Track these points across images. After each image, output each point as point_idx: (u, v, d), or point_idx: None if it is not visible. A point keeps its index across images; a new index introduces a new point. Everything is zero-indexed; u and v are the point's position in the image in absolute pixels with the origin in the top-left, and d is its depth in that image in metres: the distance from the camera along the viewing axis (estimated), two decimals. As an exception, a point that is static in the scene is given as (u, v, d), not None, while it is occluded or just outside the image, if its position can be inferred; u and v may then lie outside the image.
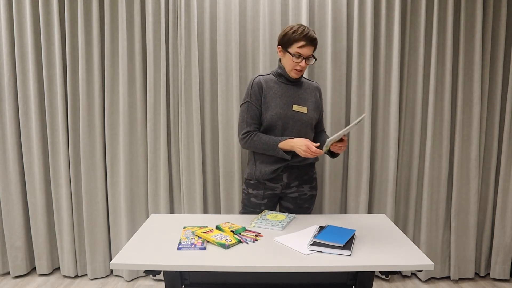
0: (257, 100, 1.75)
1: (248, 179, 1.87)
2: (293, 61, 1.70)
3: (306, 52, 1.68)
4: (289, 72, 1.75)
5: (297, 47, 1.68)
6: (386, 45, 2.34)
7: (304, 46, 1.67)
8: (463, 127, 2.41)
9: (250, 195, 1.86)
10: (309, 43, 1.67)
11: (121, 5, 2.29)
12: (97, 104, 2.41)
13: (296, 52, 1.68)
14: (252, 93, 1.75)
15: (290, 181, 1.84)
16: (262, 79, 1.77)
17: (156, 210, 2.47)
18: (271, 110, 1.73)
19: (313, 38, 1.67)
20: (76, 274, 2.56)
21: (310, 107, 1.80)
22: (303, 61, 1.70)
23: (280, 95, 1.75)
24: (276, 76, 1.79)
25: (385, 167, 2.43)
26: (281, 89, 1.76)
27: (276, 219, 1.67)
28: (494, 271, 2.52)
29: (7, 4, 2.34)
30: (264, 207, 1.86)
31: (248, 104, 1.76)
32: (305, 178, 1.87)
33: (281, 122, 1.73)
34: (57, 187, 2.48)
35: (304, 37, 1.66)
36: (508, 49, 2.38)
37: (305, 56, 1.69)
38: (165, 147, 2.39)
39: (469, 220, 2.47)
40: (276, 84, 1.77)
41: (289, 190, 1.86)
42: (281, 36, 1.72)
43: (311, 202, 1.92)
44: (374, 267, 1.26)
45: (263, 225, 1.60)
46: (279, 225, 1.60)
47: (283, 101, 1.74)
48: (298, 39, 1.66)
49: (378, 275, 2.58)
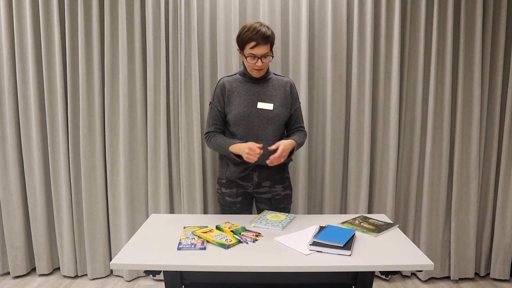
0: (219, 102, 1.76)
1: (220, 179, 1.88)
2: (248, 62, 1.67)
3: (259, 51, 1.63)
4: (250, 72, 1.73)
5: (249, 48, 1.63)
6: (386, 45, 2.34)
7: (256, 46, 1.62)
8: (463, 127, 2.41)
9: (224, 194, 1.87)
10: (261, 41, 1.61)
11: (121, 5, 2.29)
12: (97, 104, 2.41)
13: (249, 53, 1.64)
14: (215, 95, 1.78)
15: (261, 180, 1.83)
16: (226, 80, 1.78)
17: (156, 210, 2.47)
18: (235, 109, 1.73)
19: (264, 35, 1.60)
20: (76, 274, 2.56)
21: (277, 104, 1.76)
22: (259, 60, 1.65)
23: (244, 94, 1.74)
24: (242, 76, 1.78)
25: (385, 167, 2.43)
26: (246, 87, 1.76)
27: (276, 219, 1.67)
28: (494, 271, 2.52)
29: (7, 4, 2.34)
30: (239, 205, 1.87)
31: (211, 106, 1.80)
32: (277, 178, 1.85)
33: (245, 121, 1.72)
34: (57, 187, 2.48)
35: (255, 36, 1.60)
36: (508, 49, 2.38)
37: (259, 55, 1.64)
38: (165, 147, 2.39)
39: (469, 220, 2.47)
40: (241, 83, 1.76)
41: (261, 190, 1.85)
42: (236, 38, 1.69)
43: (287, 202, 1.91)
44: (374, 267, 1.26)
45: (263, 225, 1.60)
46: (279, 225, 1.60)
47: (247, 100, 1.74)
48: (249, 40, 1.62)
49: (378, 275, 2.58)
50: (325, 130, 2.41)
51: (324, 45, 2.35)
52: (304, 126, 1.92)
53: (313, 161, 2.46)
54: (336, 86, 2.36)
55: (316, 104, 2.42)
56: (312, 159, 2.46)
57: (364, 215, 1.77)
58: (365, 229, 1.58)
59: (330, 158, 2.40)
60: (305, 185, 2.41)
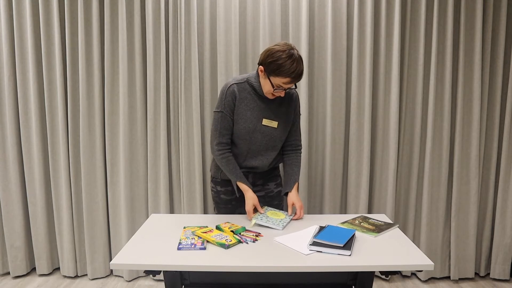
0: (231, 110, 1.70)
1: (214, 178, 1.89)
2: (272, 88, 1.61)
3: (289, 85, 1.60)
4: (266, 94, 1.68)
5: (281, 81, 1.57)
6: (386, 45, 2.34)
7: (290, 82, 1.57)
8: (463, 127, 2.41)
9: (219, 193, 1.87)
10: (296, 79, 1.57)
11: (121, 5, 2.29)
12: (97, 104, 2.41)
13: (279, 85, 1.59)
14: (226, 103, 1.68)
15: (255, 180, 1.87)
16: (236, 88, 1.68)
17: (156, 210, 2.47)
18: (241, 123, 1.70)
19: (300, 73, 1.56)
20: (76, 274, 2.56)
21: (281, 121, 1.75)
22: (283, 92, 1.63)
23: (251, 109, 1.70)
24: (251, 87, 1.70)
25: (385, 167, 2.43)
26: (253, 102, 1.70)
27: (276, 217, 1.67)
28: (494, 271, 2.52)
29: (7, 4, 2.34)
30: (234, 202, 1.88)
31: (222, 114, 1.70)
32: (269, 177, 1.91)
33: (249, 136, 1.72)
34: (57, 187, 2.48)
35: (293, 75, 1.54)
36: (508, 49, 2.38)
37: (286, 88, 1.61)
38: (165, 147, 2.39)
39: (469, 220, 2.47)
40: (249, 95, 1.70)
41: (255, 189, 1.89)
42: (268, 62, 1.57)
43: (280, 198, 1.95)
44: (374, 267, 1.26)
45: (264, 222, 1.61)
46: (279, 225, 1.60)
47: (253, 115, 1.70)
48: (285, 75, 1.54)
49: (378, 275, 2.58)
50: (325, 130, 2.41)
51: (324, 45, 2.35)
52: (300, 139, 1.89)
53: (313, 161, 2.46)
54: (336, 86, 2.36)
55: (316, 104, 2.42)
56: (312, 159, 2.46)
57: (364, 215, 1.77)
58: (365, 229, 1.58)
59: (330, 158, 2.40)
60: (305, 185, 2.41)
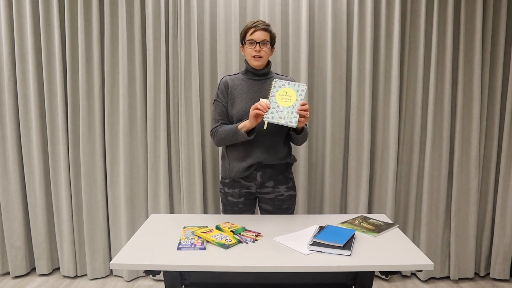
0: (224, 97, 1.82)
1: (223, 178, 1.89)
2: (247, 48, 1.77)
3: (258, 36, 1.73)
4: (249, 61, 1.79)
5: (249, 35, 1.76)
6: (386, 45, 2.34)
7: (255, 31, 1.74)
8: (463, 127, 2.41)
9: (227, 194, 1.87)
10: (260, 26, 1.74)
11: (121, 5, 2.29)
12: (97, 104, 2.41)
13: (249, 39, 1.75)
14: (219, 91, 1.83)
15: (264, 181, 1.83)
16: (228, 78, 1.84)
17: (156, 210, 2.47)
18: (237, 105, 1.78)
19: (263, 23, 1.75)
20: (76, 274, 2.56)
21: None
22: (257, 45, 1.74)
23: (246, 91, 1.80)
24: (244, 74, 1.84)
25: (385, 167, 2.43)
26: (248, 85, 1.82)
27: (287, 104, 1.60)
28: (494, 271, 2.52)
29: (7, 4, 2.34)
30: (241, 205, 1.86)
31: (216, 103, 1.84)
32: (280, 178, 1.85)
33: (248, 116, 1.74)
34: (57, 187, 2.48)
35: (254, 24, 1.75)
36: (508, 49, 2.39)
37: (258, 41, 1.74)
38: (165, 147, 2.39)
39: (469, 220, 2.47)
40: (243, 81, 1.83)
41: (265, 190, 1.85)
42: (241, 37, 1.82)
43: (290, 202, 1.90)
44: (374, 267, 1.26)
45: (276, 119, 1.58)
46: (292, 119, 1.55)
47: (249, 96, 1.79)
48: (249, 28, 1.76)
49: (378, 275, 2.58)
50: (325, 130, 2.41)
51: (324, 45, 2.35)
52: None
53: (313, 161, 2.46)
54: (336, 86, 2.36)
55: (316, 104, 2.42)
56: (312, 159, 2.46)
57: (364, 215, 1.77)
58: (365, 229, 1.58)
59: (330, 158, 2.40)
60: (305, 185, 2.41)
